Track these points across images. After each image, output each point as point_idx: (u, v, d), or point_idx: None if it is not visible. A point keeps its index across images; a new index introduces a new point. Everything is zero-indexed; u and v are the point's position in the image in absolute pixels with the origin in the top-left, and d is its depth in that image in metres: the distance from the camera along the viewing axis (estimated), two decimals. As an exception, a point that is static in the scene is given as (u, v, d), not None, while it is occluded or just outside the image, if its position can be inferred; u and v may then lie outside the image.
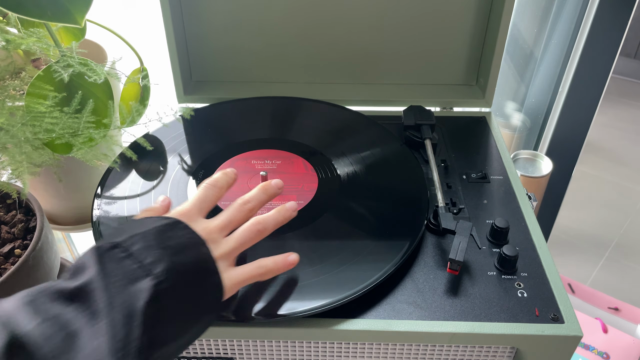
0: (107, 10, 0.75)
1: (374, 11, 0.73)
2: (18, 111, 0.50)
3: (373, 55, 0.77)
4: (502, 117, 1.23)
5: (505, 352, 0.49)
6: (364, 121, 0.70)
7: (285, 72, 0.79)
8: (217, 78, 0.80)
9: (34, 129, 0.49)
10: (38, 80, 0.51)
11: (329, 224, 0.56)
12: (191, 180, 0.61)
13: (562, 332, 0.46)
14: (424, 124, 0.67)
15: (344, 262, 0.51)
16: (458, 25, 0.74)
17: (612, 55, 1.03)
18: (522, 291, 0.50)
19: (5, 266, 0.52)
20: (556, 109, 1.14)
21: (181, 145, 0.66)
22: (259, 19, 0.74)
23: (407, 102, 0.72)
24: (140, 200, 0.58)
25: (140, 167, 0.62)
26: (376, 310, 0.48)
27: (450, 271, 0.51)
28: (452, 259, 0.49)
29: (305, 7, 0.73)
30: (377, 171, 0.62)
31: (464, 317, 0.48)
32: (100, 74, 0.53)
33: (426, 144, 0.64)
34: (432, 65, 0.78)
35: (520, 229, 0.56)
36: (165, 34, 0.71)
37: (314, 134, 0.68)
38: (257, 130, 0.69)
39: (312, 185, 0.60)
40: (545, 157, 1.11)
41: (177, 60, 0.73)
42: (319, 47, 0.76)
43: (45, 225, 0.54)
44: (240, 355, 0.51)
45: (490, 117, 0.75)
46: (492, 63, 0.72)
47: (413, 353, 0.50)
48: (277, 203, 0.51)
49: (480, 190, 0.62)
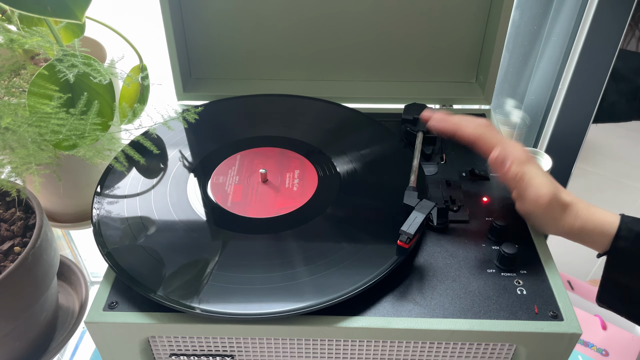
0: (105, 7, 0.75)
1: (374, 8, 0.73)
2: (19, 109, 0.50)
3: (372, 53, 0.77)
4: (502, 114, 1.23)
5: (504, 350, 0.50)
6: (364, 119, 0.70)
7: (284, 69, 0.79)
8: (217, 75, 0.80)
9: (40, 129, 0.49)
10: (40, 79, 0.51)
11: (329, 221, 0.56)
12: (191, 178, 0.61)
13: (561, 330, 0.46)
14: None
15: (343, 259, 0.51)
16: (458, 22, 0.74)
17: (612, 52, 1.03)
18: (522, 289, 0.50)
19: (5, 264, 0.52)
20: (556, 106, 1.14)
21: (181, 143, 0.66)
22: (258, 16, 0.74)
23: (406, 99, 0.72)
24: (140, 198, 0.58)
25: (139, 164, 0.62)
26: (376, 308, 0.48)
27: (400, 244, 0.50)
28: (403, 230, 0.50)
29: (305, 5, 0.72)
30: (376, 169, 0.62)
31: (464, 315, 0.48)
32: (105, 74, 0.53)
33: (418, 135, 0.64)
34: (432, 62, 0.78)
35: (519, 227, 0.56)
36: (165, 31, 0.71)
37: (313, 132, 0.68)
38: (256, 128, 0.69)
39: (311, 182, 0.60)
40: (545, 154, 1.11)
41: (176, 58, 0.73)
42: (318, 45, 0.76)
43: (45, 222, 0.54)
44: (239, 352, 0.51)
45: (489, 114, 0.75)
46: (491, 60, 0.72)
47: (412, 350, 0.50)
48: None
49: (480, 187, 0.62)
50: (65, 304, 0.65)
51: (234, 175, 0.61)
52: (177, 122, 0.69)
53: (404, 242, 0.50)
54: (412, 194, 0.54)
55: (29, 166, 0.50)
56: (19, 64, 0.59)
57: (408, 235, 0.49)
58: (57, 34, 0.54)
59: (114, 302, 0.49)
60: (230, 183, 0.60)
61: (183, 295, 0.48)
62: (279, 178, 0.61)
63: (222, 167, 0.62)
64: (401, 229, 0.50)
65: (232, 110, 0.72)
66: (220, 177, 0.61)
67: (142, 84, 0.64)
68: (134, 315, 0.48)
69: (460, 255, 0.53)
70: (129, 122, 0.62)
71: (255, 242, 0.54)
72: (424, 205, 0.52)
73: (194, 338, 0.50)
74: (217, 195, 0.59)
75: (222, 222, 0.56)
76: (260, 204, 0.58)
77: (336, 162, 0.63)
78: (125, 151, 0.58)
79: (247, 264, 0.51)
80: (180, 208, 0.57)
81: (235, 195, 0.59)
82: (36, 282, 0.53)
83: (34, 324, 0.56)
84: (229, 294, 0.48)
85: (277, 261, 0.51)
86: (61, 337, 0.61)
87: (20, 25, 0.57)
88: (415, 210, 0.51)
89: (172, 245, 0.53)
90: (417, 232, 0.50)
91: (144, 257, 0.52)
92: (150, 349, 0.51)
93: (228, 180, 0.61)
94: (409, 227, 0.50)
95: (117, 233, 0.54)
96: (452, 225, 0.57)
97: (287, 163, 0.63)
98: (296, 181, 0.60)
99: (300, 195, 0.59)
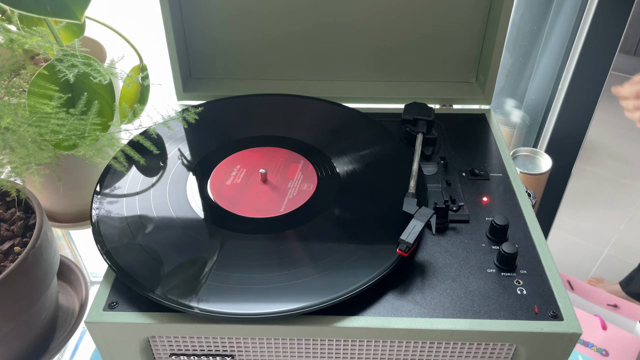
0: (105, 7, 0.75)
1: (373, 8, 0.73)
2: (19, 109, 0.50)
3: (372, 53, 0.77)
4: (502, 114, 1.23)
5: (504, 350, 0.50)
6: (363, 119, 0.70)
7: (284, 69, 0.79)
8: (217, 75, 0.80)
9: (40, 129, 0.49)
10: (40, 78, 0.51)
11: (329, 221, 0.56)
12: (191, 177, 0.61)
13: (561, 330, 0.46)
14: (420, 119, 0.67)
15: (342, 259, 0.51)
16: (458, 22, 0.74)
17: (611, 52, 1.03)
18: (522, 288, 0.50)
19: (5, 264, 0.52)
20: (556, 106, 1.14)
21: (180, 142, 0.66)
22: (258, 16, 0.74)
23: (406, 99, 0.72)
24: (140, 197, 0.58)
25: (139, 164, 0.62)
26: (375, 308, 0.48)
27: (399, 252, 0.50)
28: (402, 239, 0.50)
29: (305, 4, 0.72)
30: (376, 169, 0.62)
31: (463, 315, 0.48)
32: (105, 74, 0.53)
33: (417, 137, 0.64)
34: (432, 62, 0.78)
35: (519, 227, 0.56)
36: (165, 31, 0.71)
37: (313, 132, 0.68)
38: (256, 128, 0.69)
39: (311, 182, 0.60)
40: (545, 155, 1.11)
41: (176, 58, 0.73)
42: (318, 44, 0.76)
43: (45, 222, 0.54)
44: (239, 352, 0.51)
45: (489, 114, 0.75)
46: (491, 60, 0.72)
47: (412, 350, 0.50)
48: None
49: (480, 187, 0.62)
50: (65, 304, 0.65)
51: (233, 175, 0.61)
52: (177, 122, 0.69)
53: (403, 250, 0.50)
54: (411, 201, 0.54)
55: (28, 166, 0.50)
56: (19, 64, 0.59)
57: (407, 245, 0.49)
58: (57, 34, 0.54)
59: (114, 302, 0.49)
60: (229, 183, 0.60)
61: (183, 295, 0.48)
62: (278, 178, 0.61)
63: (221, 167, 0.62)
64: (400, 238, 0.50)
65: (232, 110, 0.72)
66: (220, 176, 0.61)
67: (142, 84, 0.64)
68: (134, 315, 0.48)
69: (460, 255, 0.53)
70: (129, 122, 0.62)
71: (255, 241, 0.54)
72: (423, 213, 0.52)
73: (194, 338, 0.50)
74: (217, 195, 0.59)
75: (221, 221, 0.56)
76: (261, 204, 0.58)
77: (336, 162, 0.63)
78: (125, 151, 0.58)
79: (247, 264, 0.51)
80: (180, 208, 0.57)
81: (236, 195, 0.59)
82: (36, 282, 0.53)
83: (34, 324, 0.56)
84: (229, 293, 0.48)
85: (277, 261, 0.51)
86: (61, 337, 0.61)
87: (20, 25, 0.57)
88: (414, 219, 0.51)
89: (172, 245, 0.53)
90: (415, 240, 0.50)
91: (144, 257, 0.52)
92: (150, 349, 0.51)
93: (228, 180, 0.61)
94: (407, 236, 0.50)
95: (116, 232, 0.54)
96: (452, 225, 0.57)
97: (286, 163, 0.63)
98: (296, 181, 0.60)
99: (300, 195, 0.59)
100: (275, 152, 0.65)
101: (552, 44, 1.10)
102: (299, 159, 0.64)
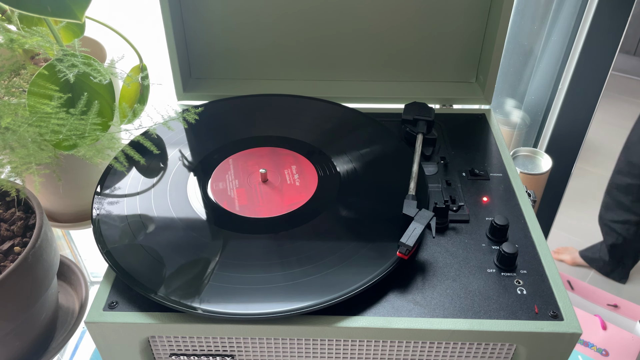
0: (105, 7, 0.75)
1: (373, 8, 0.73)
2: (19, 109, 0.50)
3: (372, 53, 0.77)
4: (502, 114, 1.23)
5: (504, 350, 0.50)
6: (364, 119, 0.70)
7: (284, 69, 0.79)
8: (217, 75, 0.80)
9: (40, 129, 0.49)
10: (40, 78, 0.51)
11: (329, 221, 0.56)
12: (191, 177, 0.61)
13: (561, 330, 0.46)
14: (420, 119, 0.67)
15: (343, 259, 0.51)
16: (457, 22, 0.74)
17: (611, 52, 1.03)
18: (522, 288, 0.50)
19: (5, 264, 0.52)
20: (556, 106, 1.14)
21: (180, 143, 0.66)
22: (258, 16, 0.74)
23: (406, 99, 0.72)
24: (140, 197, 0.58)
25: (139, 164, 0.62)
26: (376, 308, 0.48)
27: (399, 255, 0.50)
28: (402, 242, 0.49)
29: (305, 4, 0.72)
30: (376, 169, 0.62)
31: (464, 315, 0.48)
32: (105, 74, 0.53)
33: (418, 137, 0.64)
34: (432, 62, 0.78)
35: (519, 227, 0.56)
36: (165, 31, 0.71)
37: (313, 132, 0.68)
38: (256, 128, 0.69)
39: (311, 182, 0.60)
40: (545, 155, 1.11)
41: (176, 58, 0.73)
42: (318, 44, 0.76)
43: (45, 222, 0.54)
44: (239, 352, 0.51)
45: (489, 114, 0.75)
46: (491, 60, 0.72)
47: (412, 350, 0.50)
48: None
49: (480, 187, 0.62)
50: (65, 304, 0.65)
51: (234, 176, 0.61)
52: (177, 122, 0.69)
53: (403, 253, 0.50)
54: (411, 204, 0.54)
55: (28, 166, 0.50)
56: (19, 64, 0.59)
57: (407, 247, 0.49)
58: (57, 34, 0.54)
59: (114, 302, 0.49)
60: (230, 183, 0.60)
61: (183, 295, 0.48)
62: (279, 178, 0.61)
63: (222, 167, 0.62)
64: (400, 241, 0.50)
65: (232, 110, 0.72)
66: (221, 176, 0.61)
67: (142, 84, 0.64)
68: (134, 315, 0.48)
69: (460, 255, 0.53)
70: (129, 122, 0.62)
71: (255, 242, 0.54)
72: (423, 215, 0.52)
73: (194, 338, 0.50)
74: (217, 195, 0.59)
75: (222, 222, 0.56)
76: (261, 204, 0.58)
77: (336, 161, 0.63)
78: (125, 151, 0.58)
79: (247, 264, 0.51)
80: (180, 207, 0.57)
81: (236, 195, 0.59)
82: (36, 282, 0.53)
83: (34, 324, 0.56)
84: (229, 293, 0.48)
85: (277, 261, 0.51)
86: (61, 337, 0.61)
87: (20, 25, 0.57)
88: (414, 221, 0.51)
89: (172, 245, 0.53)
90: (416, 243, 0.50)
91: (144, 257, 0.52)
92: (150, 349, 0.51)
93: (228, 180, 0.61)
94: (408, 239, 0.50)
95: (116, 232, 0.54)
96: (452, 225, 0.57)
97: (286, 163, 0.63)
98: (296, 181, 0.60)
99: (300, 195, 0.59)
100: (275, 152, 0.65)
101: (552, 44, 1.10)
102: (299, 159, 0.64)
